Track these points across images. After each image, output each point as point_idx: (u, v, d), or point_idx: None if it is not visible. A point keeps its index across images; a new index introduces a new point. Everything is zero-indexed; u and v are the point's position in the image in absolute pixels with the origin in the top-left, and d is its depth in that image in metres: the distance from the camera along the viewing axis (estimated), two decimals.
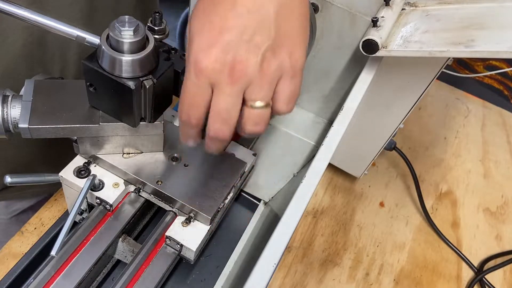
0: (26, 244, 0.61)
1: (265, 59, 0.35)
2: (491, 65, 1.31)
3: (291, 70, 0.37)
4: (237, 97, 0.36)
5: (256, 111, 0.37)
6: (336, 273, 0.72)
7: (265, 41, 0.35)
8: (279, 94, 0.37)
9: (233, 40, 0.35)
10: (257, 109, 0.37)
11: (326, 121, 0.73)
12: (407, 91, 0.64)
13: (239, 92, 0.36)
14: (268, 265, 0.39)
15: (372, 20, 0.54)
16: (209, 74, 0.35)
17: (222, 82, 0.35)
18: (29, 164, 0.68)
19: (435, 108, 1.08)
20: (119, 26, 0.40)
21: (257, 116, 0.37)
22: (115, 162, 0.51)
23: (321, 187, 0.84)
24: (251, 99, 0.36)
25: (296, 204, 0.45)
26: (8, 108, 0.45)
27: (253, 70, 0.35)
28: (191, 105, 0.38)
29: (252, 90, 0.36)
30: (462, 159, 0.97)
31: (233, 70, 0.35)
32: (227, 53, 0.35)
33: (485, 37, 0.48)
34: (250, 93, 0.36)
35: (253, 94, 0.36)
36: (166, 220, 0.52)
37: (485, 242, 0.83)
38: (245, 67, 0.35)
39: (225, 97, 0.36)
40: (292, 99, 0.38)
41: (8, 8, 0.41)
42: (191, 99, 0.37)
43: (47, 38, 0.57)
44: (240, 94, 0.36)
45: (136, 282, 0.47)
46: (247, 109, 0.37)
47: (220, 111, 0.37)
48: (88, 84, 0.44)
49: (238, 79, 0.35)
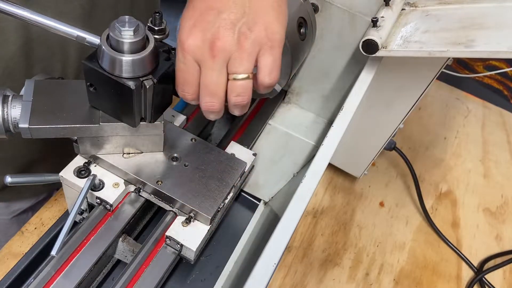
0: (26, 244, 0.61)
1: (242, 34, 0.39)
2: (491, 65, 1.31)
3: (269, 42, 0.40)
4: (220, 70, 0.40)
5: (238, 82, 0.41)
6: (336, 273, 0.72)
7: (240, 18, 0.39)
8: (260, 65, 0.41)
9: (211, 20, 0.39)
10: (239, 81, 0.40)
11: (326, 121, 0.73)
12: (407, 91, 0.64)
13: (221, 66, 0.40)
14: (268, 265, 0.39)
15: (372, 20, 0.54)
16: (192, 51, 0.40)
17: (205, 58, 0.40)
18: (29, 164, 0.68)
19: (435, 108, 1.08)
20: (119, 26, 0.40)
21: (239, 87, 0.41)
22: (115, 162, 0.51)
23: (321, 187, 0.84)
24: (232, 71, 0.40)
25: (296, 204, 0.45)
26: (8, 108, 0.45)
27: (230, 44, 0.39)
28: (183, 83, 0.43)
29: (233, 64, 0.40)
30: (462, 159, 0.97)
31: (213, 46, 0.39)
32: (207, 32, 0.39)
33: (485, 37, 0.48)
34: (231, 67, 0.40)
35: (234, 67, 0.40)
36: (166, 220, 0.52)
37: (485, 242, 0.83)
38: (223, 43, 0.39)
39: (209, 71, 0.40)
40: (273, 69, 0.41)
41: (8, 8, 0.41)
42: (183, 77, 0.42)
43: (46, 37, 0.57)
44: (222, 68, 0.40)
45: (136, 282, 0.47)
46: (230, 82, 0.41)
47: (207, 85, 0.41)
48: (88, 84, 0.44)
49: (218, 53, 0.39)
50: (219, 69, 0.40)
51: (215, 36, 0.39)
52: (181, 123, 0.60)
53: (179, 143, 0.55)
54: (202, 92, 0.42)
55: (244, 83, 0.41)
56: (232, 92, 0.41)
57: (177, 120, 0.60)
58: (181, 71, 0.42)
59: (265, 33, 0.40)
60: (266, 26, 0.40)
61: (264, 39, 0.40)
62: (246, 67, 0.40)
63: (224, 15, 0.39)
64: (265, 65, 0.41)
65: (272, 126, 0.70)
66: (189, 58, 0.40)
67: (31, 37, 0.56)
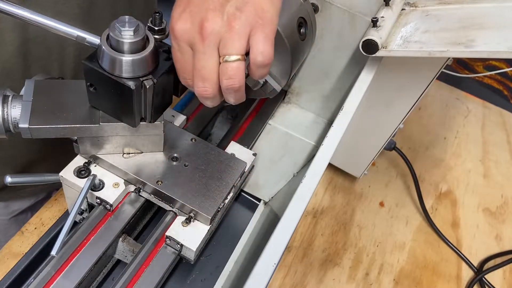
0: (26, 244, 0.61)
1: (231, 15, 0.39)
2: (491, 65, 1.31)
3: (260, 20, 0.39)
4: (211, 53, 0.39)
5: (230, 64, 0.39)
6: (336, 273, 0.72)
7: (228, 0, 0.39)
8: (252, 45, 0.40)
9: (200, 3, 0.39)
10: (230, 62, 0.39)
11: (326, 121, 0.73)
12: (407, 91, 0.64)
13: (212, 48, 0.39)
14: (268, 265, 0.39)
15: (372, 20, 0.54)
16: (182, 36, 0.40)
17: (195, 41, 0.39)
18: (29, 164, 0.68)
19: (435, 108, 1.08)
20: (119, 26, 0.40)
21: (231, 69, 0.40)
22: (115, 162, 0.51)
23: (321, 187, 0.84)
24: (223, 53, 0.39)
25: (296, 204, 0.45)
26: (8, 108, 0.45)
27: (220, 26, 0.38)
28: (181, 70, 0.43)
29: (224, 45, 0.39)
30: (462, 159, 0.97)
31: (201, 28, 0.38)
32: (196, 15, 0.39)
33: (485, 37, 0.48)
34: (222, 48, 0.39)
35: (225, 49, 0.39)
36: (166, 220, 0.52)
37: (485, 242, 0.83)
38: (212, 24, 0.38)
39: (200, 55, 0.39)
40: (265, 46, 0.40)
41: (8, 8, 0.41)
42: (179, 64, 0.42)
43: (44, 37, 0.57)
44: (213, 51, 0.39)
45: (136, 282, 0.47)
46: (221, 64, 0.40)
47: (199, 69, 0.40)
48: (88, 84, 0.44)
49: (207, 35, 0.38)
50: (210, 52, 0.39)
51: (203, 18, 0.39)
52: (181, 123, 0.60)
53: (179, 143, 0.55)
54: (195, 77, 0.41)
55: (235, 65, 0.40)
56: (223, 75, 0.40)
57: (177, 120, 0.60)
58: (177, 59, 0.42)
59: (255, 12, 0.39)
60: (256, 6, 0.39)
61: (254, 18, 0.39)
62: (237, 48, 0.39)
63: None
64: (256, 43, 0.39)
65: (272, 126, 0.70)
66: (182, 45, 0.40)
67: (28, 37, 0.56)
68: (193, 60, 0.41)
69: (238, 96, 0.43)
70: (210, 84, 0.41)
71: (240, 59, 0.40)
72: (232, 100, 0.43)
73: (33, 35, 0.56)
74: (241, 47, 0.39)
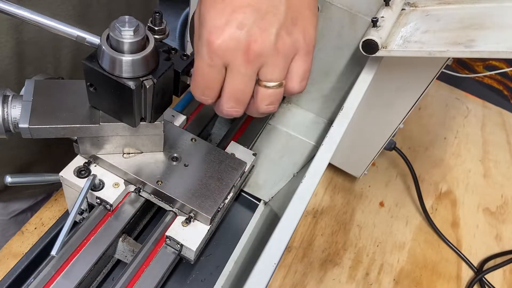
0: (26, 244, 0.61)
1: (280, 38, 0.35)
2: (491, 65, 1.31)
3: (305, 47, 0.36)
4: (251, 76, 0.36)
5: (270, 90, 0.37)
6: (336, 273, 0.72)
7: (278, 19, 0.34)
8: (292, 72, 0.37)
9: (246, 18, 0.34)
10: (271, 88, 0.36)
11: (326, 121, 0.73)
12: (407, 91, 0.64)
13: (254, 71, 0.36)
14: (268, 265, 0.39)
15: (372, 20, 0.54)
16: (223, 53, 0.35)
17: (237, 61, 0.35)
18: (29, 164, 0.68)
19: (435, 108, 1.08)
20: (119, 26, 0.40)
21: (271, 95, 0.37)
22: (115, 162, 0.51)
23: (321, 187, 0.84)
24: (266, 79, 0.36)
25: (296, 204, 0.45)
26: (8, 108, 0.45)
27: (268, 49, 0.34)
28: (206, 87, 0.38)
29: (267, 70, 0.36)
30: (462, 159, 0.97)
31: (248, 49, 0.34)
32: (242, 32, 0.34)
33: (485, 37, 0.48)
34: (265, 73, 0.36)
35: (268, 74, 0.36)
36: (166, 220, 0.52)
37: (485, 242, 0.83)
38: (260, 46, 0.34)
39: (241, 76, 0.36)
40: (305, 77, 0.38)
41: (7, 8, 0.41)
42: (206, 80, 0.37)
43: (38, 38, 0.57)
44: (254, 74, 0.36)
45: (136, 282, 0.47)
46: (261, 88, 0.37)
47: (235, 91, 0.37)
48: (88, 84, 0.44)
49: (254, 58, 0.35)
50: (251, 75, 0.36)
51: (251, 38, 0.34)
52: (181, 123, 0.60)
53: (179, 143, 0.55)
54: (226, 97, 0.38)
55: (276, 92, 0.37)
56: (263, 100, 0.37)
57: (177, 120, 0.60)
58: (203, 74, 0.37)
59: (303, 37, 0.36)
60: (304, 29, 0.36)
61: (301, 43, 0.36)
62: (280, 74, 0.36)
63: (260, 14, 0.34)
64: (297, 72, 0.37)
65: (272, 126, 0.70)
66: (217, 61, 0.36)
67: (22, 38, 0.56)
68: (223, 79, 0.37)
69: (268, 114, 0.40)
70: (242, 106, 0.38)
71: (281, 84, 0.37)
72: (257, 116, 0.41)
73: (27, 37, 0.56)
74: (284, 74, 0.37)
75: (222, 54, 0.35)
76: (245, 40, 0.34)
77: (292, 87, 0.38)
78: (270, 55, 0.35)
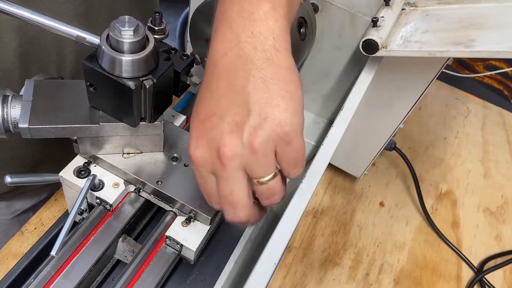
0: (26, 244, 0.61)
1: (251, 135, 0.34)
2: (491, 65, 1.31)
3: (284, 137, 0.35)
4: (235, 178, 0.36)
5: (265, 186, 0.37)
6: (336, 273, 0.72)
7: (246, 119, 0.34)
8: (281, 162, 0.37)
9: (215, 125, 0.35)
10: (265, 184, 0.36)
11: (326, 121, 0.73)
12: (407, 91, 0.64)
13: (235, 173, 0.35)
14: (268, 265, 0.39)
15: (372, 20, 0.54)
16: (202, 164, 0.36)
17: (216, 168, 0.36)
18: (29, 164, 0.68)
19: (435, 108, 1.08)
20: (119, 26, 0.40)
21: (268, 190, 0.37)
22: (115, 162, 0.51)
23: (321, 187, 0.84)
24: (253, 177, 0.36)
25: (296, 204, 0.45)
26: (8, 108, 0.45)
27: (240, 149, 0.34)
28: (206, 194, 0.40)
29: (251, 169, 0.35)
30: (462, 159, 0.97)
31: (220, 154, 0.35)
32: (212, 142, 0.35)
33: (485, 37, 0.48)
34: (250, 172, 0.36)
35: (254, 172, 0.36)
36: (166, 220, 0.52)
37: (485, 242, 0.83)
38: (231, 149, 0.34)
39: (224, 181, 0.36)
40: (297, 163, 0.37)
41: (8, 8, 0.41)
42: (203, 189, 0.39)
43: (42, 37, 0.57)
44: (237, 175, 0.36)
45: (136, 282, 0.47)
46: (256, 186, 0.37)
47: (225, 196, 0.37)
48: (88, 84, 0.44)
49: (227, 161, 0.35)
50: (234, 177, 0.36)
51: (220, 143, 0.35)
52: (181, 123, 0.60)
53: (179, 143, 0.55)
54: (223, 203, 0.38)
55: (271, 185, 0.36)
56: (262, 196, 0.38)
57: (177, 120, 0.60)
58: (200, 183, 0.39)
59: (278, 128, 0.35)
60: (278, 121, 0.35)
61: (278, 135, 0.35)
62: (266, 169, 0.36)
63: (227, 118, 0.35)
64: (285, 162, 0.36)
65: None
66: (202, 171, 0.37)
67: (26, 38, 0.56)
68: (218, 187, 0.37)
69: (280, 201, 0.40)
70: (241, 208, 0.37)
71: (275, 175, 0.36)
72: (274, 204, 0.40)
73: (31, 37, 0.56)
74: (271, 168, 0.36)
75: (203, 165, 0.37)
76: (215, 148, 0.35)
77: (287, 175, 0.38)
78: (246, 155, 0.35)
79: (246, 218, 0.38)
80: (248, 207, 0.37)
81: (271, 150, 0.35)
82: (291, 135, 0.36)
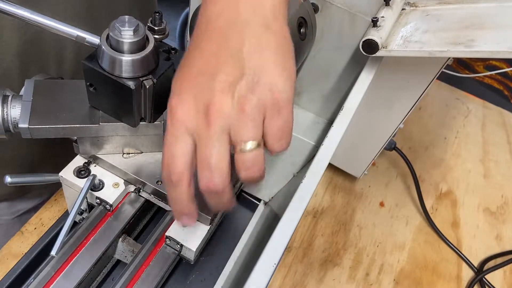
0: (26, 244, 0.61)
1: (242, 97, 0.33)
2: (491, 65, 1.31)
3: (275, 104, 0.34)
4: (218, 140, 0.34)
5: (247, 154, 0.34)
6: (336, 273, 0.72)
7: (238, 80, 0.33)
8: (267, 131, 0.35)
9: (204, 83, 0.34)
10: (248, 152, 0.34)
11: (326, 121, 0.73)
12: (407, 91, 0.64)
13: (219, 134, 0.34)
14: (268, 265, 0.39)
15: (372, 20, 0.54)
16: (185, 122, 0.34)
17: (200, 127, 0.34)
18: (29, 164, 0.68)
19: (435, 108, 1.08)
20: (119, 26, 0.40)
21: (249, 160, 0.34)
22: (115, 162, 0.51)
23: (321, 187, 0.84)
24: (238, 141, 0.34)
25: (296, 204, 0.45)
26: (8, 108, 0.45)
27: (230, 109, 0.33)
28: (169, 156, 0.35)
29: (236, 132, 0.34)
30: (462, 159, 0.97)
31: (208, 112, 0.33)
32: (200, 98, 0.34)
33: (485, 37, 0.48)
34: (235, 135, 0.34)
35: (238, 136, 0.34)
36: (166, 220, 0.52)
37: (485, 242, 0.83)
38: (220, 108, 0.33)
39: (205, 141, 0.34)
40: (283, 135, 0.35)
41: (7, 8, 0.41)
42: (169, 149, 0.35)
43: (42, 37, 0.57)
44: (221, 137, 0.34)
45: (136, 282, 0.47)
46: (237, 154, 0.35)
47: (203, 158, 0.34)
48: (88, 84, 0.44)
49: (214, 120, 0.33)
50: (217, 138, 0.34)
51: (210, 101, 0.33)
52: None
53: None
54: (199, 167, 0.35)
55: (254, 154, 0.34)
56: (241, 166, 0.35)
57: None
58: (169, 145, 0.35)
59: (270, 93, 0.34)
60: (271, 86, 0.34)
61: (269, 101, 0.34)
62: (253, 134, 0.34)
63: (219, 77, 0.33)
64: (272, 131, 0.35)
65: None
66: (179, 130, 0.34)
67: (26, 38, 0.56)
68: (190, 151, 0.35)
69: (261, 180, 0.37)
70: (218, 175, 0.35)
71: (257, 147, 0.34)
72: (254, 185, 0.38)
73: (30, 36, 0.56)
74: (257, 134, 0.34)
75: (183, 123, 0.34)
76: (203, 105, 0.33)
77: (271, 147, 0.35)
78: (234, 116, 0.33)
79: (221, 186, 0.35)
80: (226, 174, 0.35)
81: (259, 115, 0.34)
82: (281, 103, 0.34)
